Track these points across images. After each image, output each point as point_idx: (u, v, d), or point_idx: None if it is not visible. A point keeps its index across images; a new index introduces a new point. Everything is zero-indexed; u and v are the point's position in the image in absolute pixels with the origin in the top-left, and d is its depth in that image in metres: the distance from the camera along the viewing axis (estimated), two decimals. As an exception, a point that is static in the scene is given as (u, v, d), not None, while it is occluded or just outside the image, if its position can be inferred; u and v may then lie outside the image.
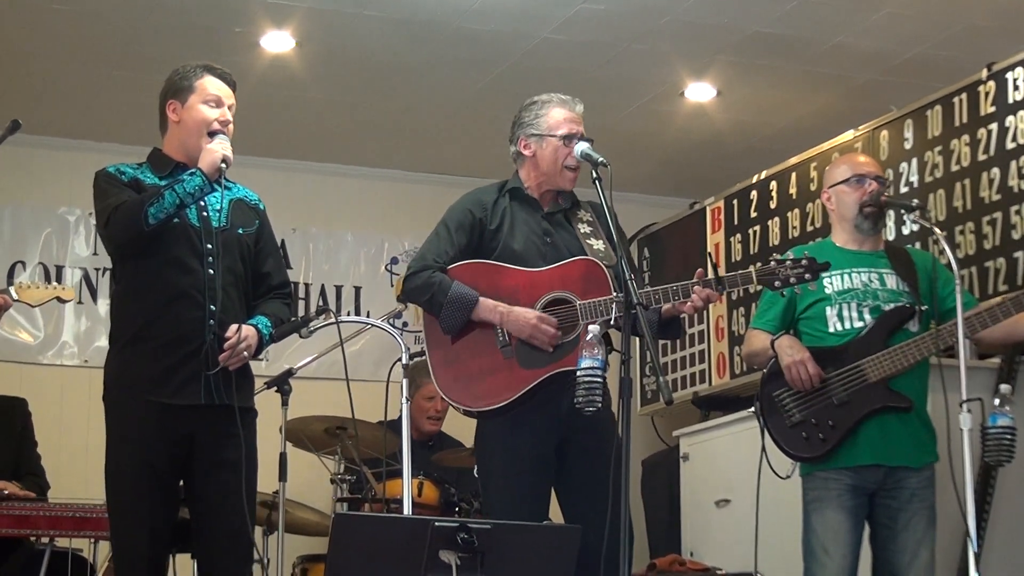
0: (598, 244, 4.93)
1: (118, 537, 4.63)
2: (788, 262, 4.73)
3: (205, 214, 4.70)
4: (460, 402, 4.90)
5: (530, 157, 5.01)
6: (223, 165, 4.61)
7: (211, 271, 4.65)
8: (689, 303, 4.68)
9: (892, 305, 5.15)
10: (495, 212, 5.01)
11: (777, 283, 4.73)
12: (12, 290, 5.32)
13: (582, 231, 4.97)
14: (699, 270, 4.69)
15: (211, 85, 4.77)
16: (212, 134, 4.70)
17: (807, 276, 4.72)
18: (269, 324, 4.76)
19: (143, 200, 4.53)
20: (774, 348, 5.18)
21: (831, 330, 5.18)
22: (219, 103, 4.75)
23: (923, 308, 5.14)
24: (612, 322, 4.68)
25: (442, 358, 4.95)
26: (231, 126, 4.78)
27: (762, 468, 5.12)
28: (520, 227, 4.98)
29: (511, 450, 4.87)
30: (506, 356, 4.83)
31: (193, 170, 4.61)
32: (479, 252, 4.97)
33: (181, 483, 4.71)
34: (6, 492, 6.00)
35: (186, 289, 4.61)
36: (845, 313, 5.18)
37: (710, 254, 7.84)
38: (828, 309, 5.19)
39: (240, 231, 4.79)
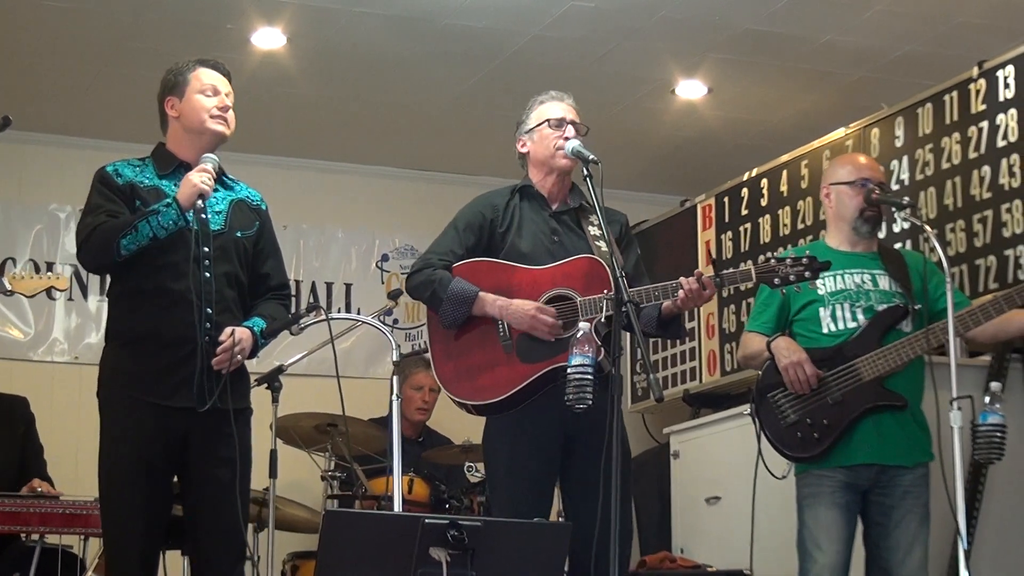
0: (606, 247, 4.95)
1: (110, 533, 4.63)
2: (788, 260, 4.73)
3: (204, 216, 4.69)
4: (460, 396, 4.91)
5: (527, 153, 5.07)
6: (200, 202, 4.60)
7: (207, 274, 4.65)
8: (681, 291, 4.68)
9: (885, 305, 5.16)
10: (506, 214, 5.05)
11: (776, 280, 4.73)
12: (5, 280, 5.31)
13: (591, 232, 4.98)
14: (697, 270, 4.71)
15: (205, 76, 4.78)
16: (213, 117, 4.71)
17: (807, 275, 4.72)
18: (264, 325, 4.76)
19: (117, 230, 4.54)
20: (771, 349, 5.18)
21: (825, 331, 5.19)
22: (215, 91, 4.77)
23: (916, 308, 5.15)
24: (603, 319, 4.70)
25: (444, 353, 4.96)
26: (231, 112, 4.78)
27: (758, 468, 5.13)
28: (528, 226, 5.02)
29: (515, 449, 4.89)
30: (506, 351, 4.85)
31: (169, 201, 4.60)
32: (488, 252, 5.01)
33: (175, 479, 4.72)
34: (40, 489, 6.02)
35: (182, 292, 4.60)
36: (839, 313, 5.19)
37: (711, 252, 7.81)
38: (821, 310, 5.19)
39: (239, 234, 4.79)
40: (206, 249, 4.67)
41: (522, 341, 4.84)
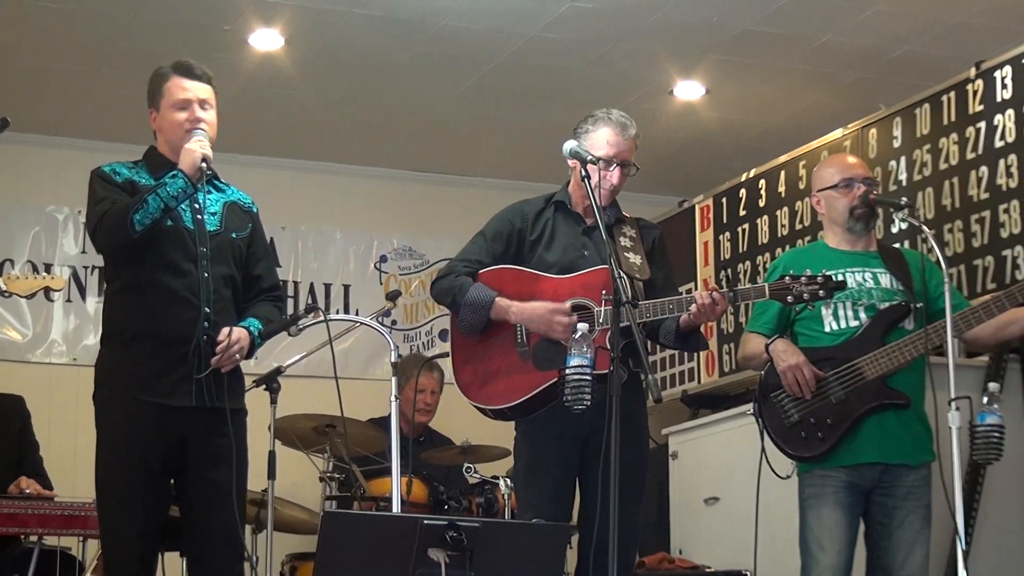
0: (635, 258, 4.97)
1: (109, 536, 4.63)
2: (803, 278, 4.74)
3: (200, 217, 4.70)
4: (476, 400, 4.99)
5: (574, 169, 5.02)
6: (203, 164, 4.60)
7: (205, 274, 4.65)
8: (694, 305, 4.70)
9: (887, 304, 5.16)
10: (537, 223, 5.09)
11: (790, 298, 4.75)
12: (0, 281, 5.31)
13: (623, 244, 5.00)
14: (711, 285, 4.74)
15: (177, 88, 4.74)
16: (188, 131, 4.70)
17: (821, 293, 4.74)
18: (260, 327, 4.77)
19: (128, 207, 4.53)
20: (769, 352, 5.18)
21: (827, 330, 5.18)
22: (187, 104, 4.72)
23: (918, 306, 5.15)
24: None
25: (463, 358, 5.05)
26: (206, 123, 4.73)
27: (761, 468, 5.13)
28: (559, 239, 5.05)
29: (536, 452, 4.97)
30: (522, 357, 4.91)
31: (175, 172, 4.60)
32: (517, 260, 5.05)
33: (172, 481, 4.72)
34: (28, 490, 6.00)
35: (180, 291, 4.61)
36: (840, 312, 5.17)
37: (726, 272, 7.79)
38: (823, 309, 5.17)
39: (234, 235, 4.80)
40: (203, 249, 4.68)
41: (538, 348, 4.90)
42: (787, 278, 4.78)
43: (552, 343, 4.85)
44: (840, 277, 4.90)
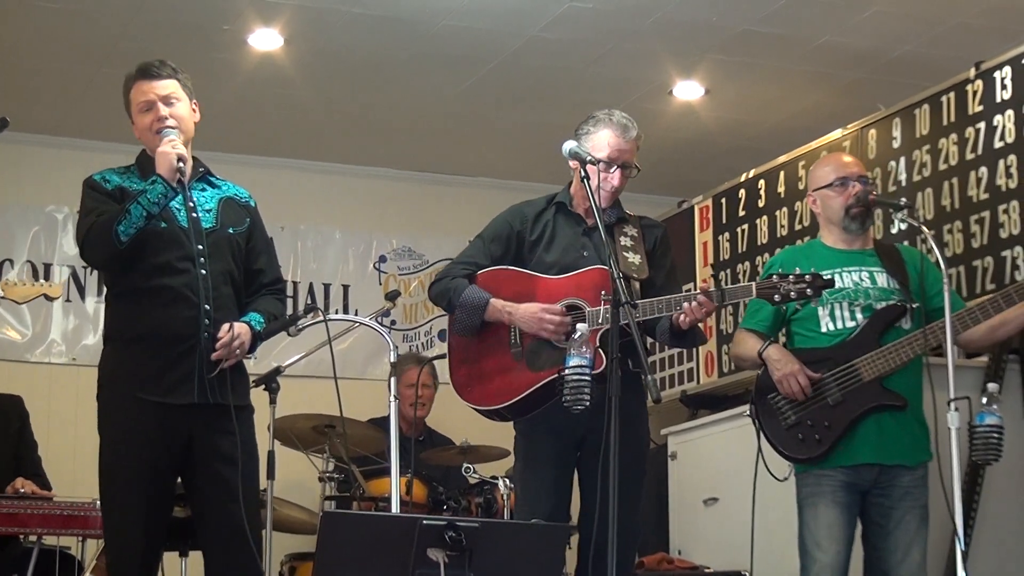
0: (634, 258, 4.97)
1: (112, 537, 4.62)
2: (791, 277, 4.72)
3: (195, 215, 4.70)
4: (470, 400, 5.00)
5: (575, 170, 5.01)
6: (180, 164, 4.60)
7: (203, 271, 4.65)
8: (682, 315, 4.69)
9: (883, 304, 5.15)
10: (537, 224, 5.09)
11: (777, 297, 4.73)
12: None
13: (623, 244, 5.00)
14: (700, 290, 4.73)
15: (138, 92, 4.80)
16: (158, 132, 4.71)
17: (808, 292, 4.71)
18: (262, 320, 4.77)
19: (112, 220, 4.54)
20: (762, 359, 5.18)
21: (823, 330, 5.17)
22: (150, 105, 4.76)
23: (915, 305, 5.14)
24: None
25: (460, 359, 5.07)
26: (175, 117, 4.73)
27: (758, 470, 5.13)
28: (559, 240, 5.06)
29: (533, 449, 5.00)
30: (516, 358, 4.92)
31: (154, 178, 4.60)
32: (517, 261, 5.06)
33: (179, 481, 4.72)
34: (24, 490, 6.00)
35: (180, 290, 4.61)
36: (837, 313, 5.17)
37: (714, 274, 7.78)
38: (820, 309, 5.17)
39: (231, 230, 4.80)
40: (200, 247, 4.67)
41: (531, 349, 4.90)
42: (775, 277, 4.77)
43: (545, 343, 4.87)
44: (829, 276, 4.89)
